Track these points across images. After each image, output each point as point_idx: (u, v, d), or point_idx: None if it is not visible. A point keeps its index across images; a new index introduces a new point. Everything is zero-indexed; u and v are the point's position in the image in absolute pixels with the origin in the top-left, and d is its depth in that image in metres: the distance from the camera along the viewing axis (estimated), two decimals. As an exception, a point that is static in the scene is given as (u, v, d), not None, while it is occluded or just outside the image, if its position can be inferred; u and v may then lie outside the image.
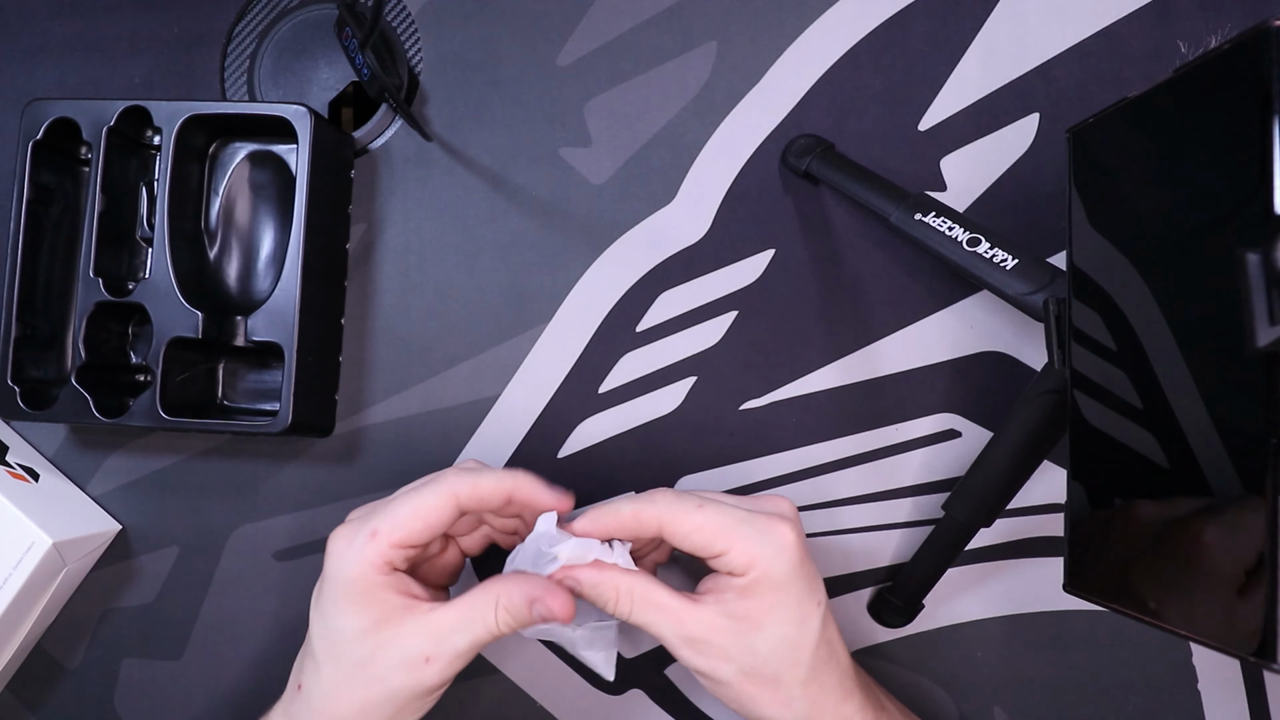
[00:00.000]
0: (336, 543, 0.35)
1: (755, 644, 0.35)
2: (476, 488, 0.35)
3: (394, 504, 0.35)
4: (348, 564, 0.34)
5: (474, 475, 0.36)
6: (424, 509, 0.35)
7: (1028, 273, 0.36)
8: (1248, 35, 0.25)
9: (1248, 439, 0.25)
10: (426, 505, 0.35)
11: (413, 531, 0.35)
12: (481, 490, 0.35)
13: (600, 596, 0.35)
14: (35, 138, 0.43)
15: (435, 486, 0.35)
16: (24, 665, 0.47)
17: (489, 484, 0.36)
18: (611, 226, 0.47)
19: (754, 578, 0.35)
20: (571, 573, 0.36)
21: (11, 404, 0.43)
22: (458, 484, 0.35)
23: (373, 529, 0.34)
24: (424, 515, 0.35)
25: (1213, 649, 0.26)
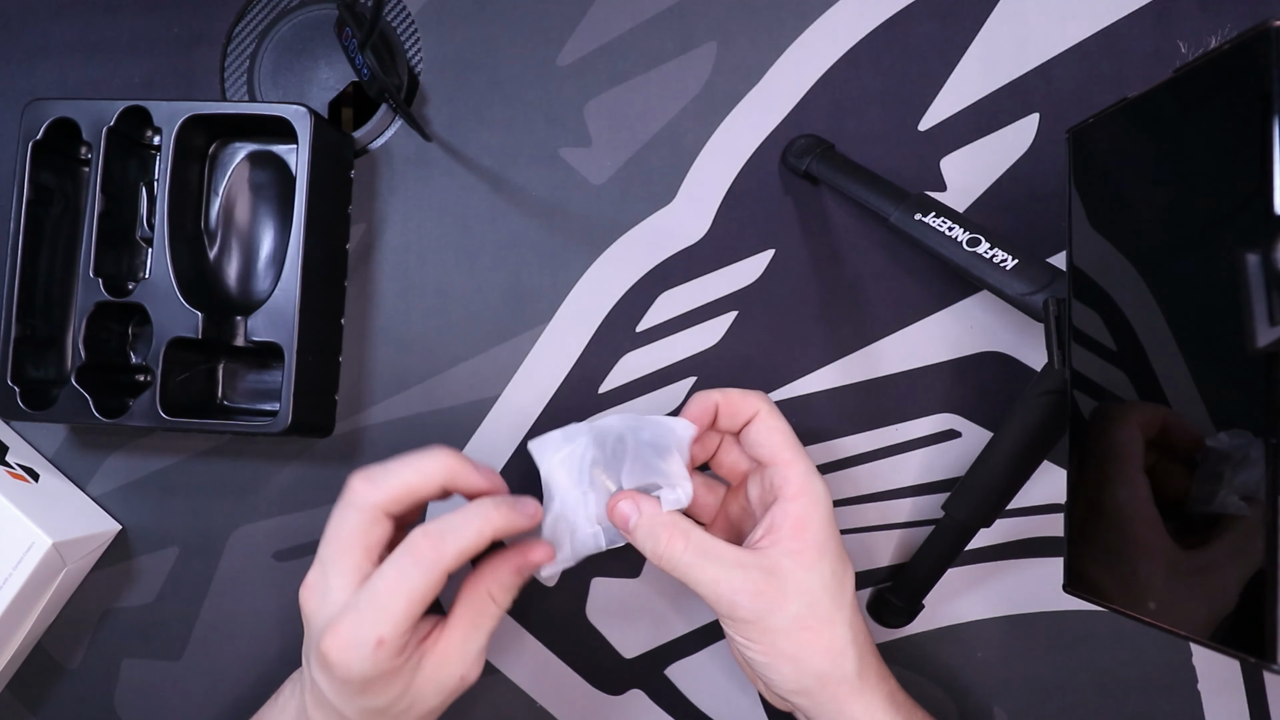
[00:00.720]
0: (342, 654, 0.33)
1: (812, 581, 0.35)
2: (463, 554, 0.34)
3: (381, 599, 0.33)
4: (367, 672, 0.33)
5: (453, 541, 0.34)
6: (417, 598, 0.33)
7: (1027, 273, 0.36)
8: (1248, 35, 0.25)
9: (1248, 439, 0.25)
10: (419, 593, 0.33)
11: (411, 620, 0.34)
12: (468, 552, 0.34)
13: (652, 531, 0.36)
14: (35, 138, 0.43)
15: (423, 569, 0.33)
16: (24, 665, 0.47)
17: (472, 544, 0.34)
18: (611, 226, 0.47)
19: (803, 507, 0.36)
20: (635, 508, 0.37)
21: (11, 404, 0.43)
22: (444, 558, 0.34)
23: (377, 637, 0.33)
24: (419, 602, 0.33)
25: (1212, 649, 0.26)
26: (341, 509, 0.36)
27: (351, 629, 0.33)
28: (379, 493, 0.35)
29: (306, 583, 0.36)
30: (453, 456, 0.37)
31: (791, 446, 0.38)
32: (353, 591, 0.34)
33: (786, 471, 0.37)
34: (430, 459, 0.36)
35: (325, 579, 0.35)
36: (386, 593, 0.33)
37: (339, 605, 0.34)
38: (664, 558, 0.36)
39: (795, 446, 0.38)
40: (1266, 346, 0.23)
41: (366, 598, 0.33)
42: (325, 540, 0.36)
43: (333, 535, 0.35)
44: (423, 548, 0.34)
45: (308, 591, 0.35)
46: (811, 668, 0.36)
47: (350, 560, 0.35)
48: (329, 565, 0.35)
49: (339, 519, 0.35)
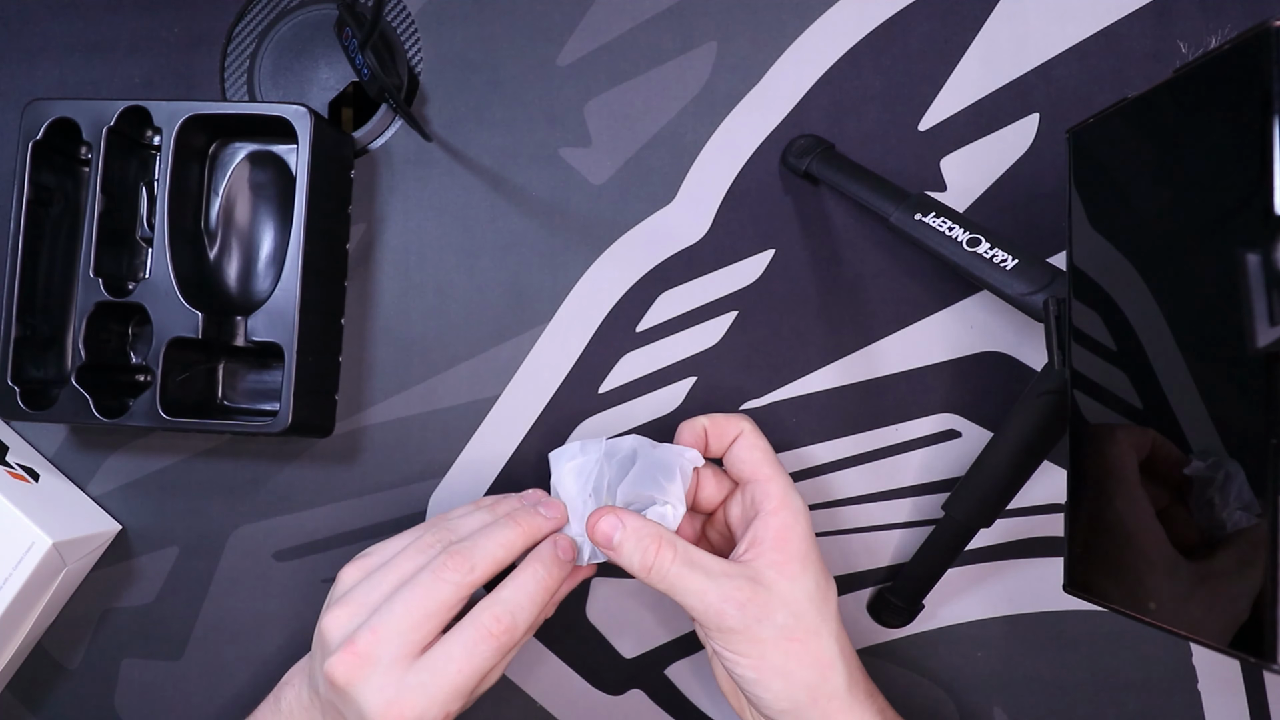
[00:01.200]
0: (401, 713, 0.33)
1: (796, 591, 0.36)
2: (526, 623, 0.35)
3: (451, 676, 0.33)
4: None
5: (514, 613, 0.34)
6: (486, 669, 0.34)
7: (1028, 273, 0.36)
8: (1248, 35, 0.25)
9: (1248, 439, 0.25)
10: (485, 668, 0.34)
11: (476, 693, 0.35)
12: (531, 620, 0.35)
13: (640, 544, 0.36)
14: (35, 138, 0.43)
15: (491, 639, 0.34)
16: (24, 665, 0.47)
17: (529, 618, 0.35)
18: (611, 226, 0.47)
19: (785, 520, 0.37)
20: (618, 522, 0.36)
21: (11, 404, 0.43)
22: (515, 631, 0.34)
23: (446, 714, 0.33)
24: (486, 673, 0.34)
25: (1213, 649, 0.26)
26: (433, 580, 0.34)
27: (421, 707, 0.33)
28: (477, 577, 0.35)
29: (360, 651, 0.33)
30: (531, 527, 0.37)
31: (772, 463, 0.39)
32: (409, 665, 0.33)
33: (767, 486, 0.38)
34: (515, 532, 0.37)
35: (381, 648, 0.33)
36: (459, 676, 0.33)
37: (393, 682, 0.33)
38: (653, 569, 0.35)
39: (775, 464, 0.39)
40: (1267, 346, 0.23)
41: (438, 681, 0.33)
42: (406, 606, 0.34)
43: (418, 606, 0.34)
44: (496, 631, 0.34)
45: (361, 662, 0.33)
46: (801, 680, 0.35)
47: (419, 636, 0.33)
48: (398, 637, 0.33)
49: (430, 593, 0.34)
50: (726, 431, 0.40)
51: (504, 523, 0.37)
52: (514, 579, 0.36)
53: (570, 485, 0.39)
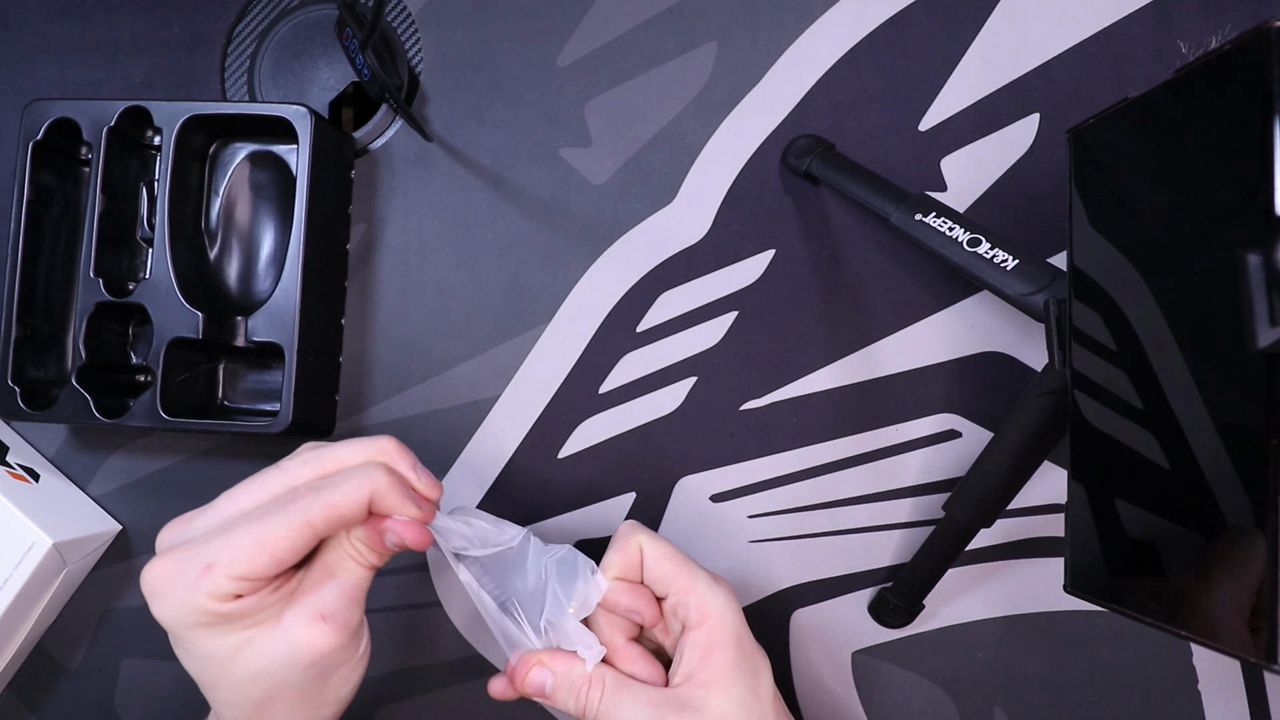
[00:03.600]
0: (158, 578, 0.29)
1: (729, 705, 0.35)
2: (333, 510, 0.30)
3: (232, 532, 0.29)
4: (182, 606, 0.29)
5: (327, 495, 0.30)
6: (271, 541, 0.29)
7: (1028, 273, 0.36)
8: (1248, 36, 0.25)
9: (1248, 439, 0.25)
10: (275, 536, 0.29)
11: (256, 566, 0.29)
12: (341, 512, 0.30)
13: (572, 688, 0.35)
14: (35, 138, 0.43)
15: (286, 514, 0.29)
16: (24, 665, 0.47)
17: (347, 504, 0.30)
18: (611, 227, 0.47)
19: (708, 632, 0.35)
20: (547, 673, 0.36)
21: (12, 404, 0.43)
22: (311, 511, 0.30)
23: (206, 562, 0.29)
24: (270, 548, 0.29)
25: (1213, 649, 0.26)
26: (267, 471, 0.32)
27: (183, 553, 0.29)
28: (307, 467, 0.32)
29: (179, 518, 0.31)
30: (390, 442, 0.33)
31: (683, 570, 0.37)
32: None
33: (685, 599, 0.36)
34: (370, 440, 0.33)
35: (201, 516, 0.31)
36: (241, 528, 0.29)
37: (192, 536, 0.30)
38: (586, 710, 0.35)
39: (686, 569, 0.37)
40: (1267, 347, 0.23)
41: (218, 531, 0.29)
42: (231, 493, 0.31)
43: (242, 490, 0.31)
44: (293, 495, 0.30)
45: (168, 526, 0.31)
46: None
47: (234, 511, 0.31)
48: (214, 510, 0.31)
49: (260, 479, 0.31)
50: (629, 552, 0.37)
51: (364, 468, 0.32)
52: (350, 471, 0.31)
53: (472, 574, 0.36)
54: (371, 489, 0.31)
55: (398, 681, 0.46)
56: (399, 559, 0.46)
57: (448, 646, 0.46)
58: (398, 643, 0.46)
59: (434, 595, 0.46)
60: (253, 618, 0.30)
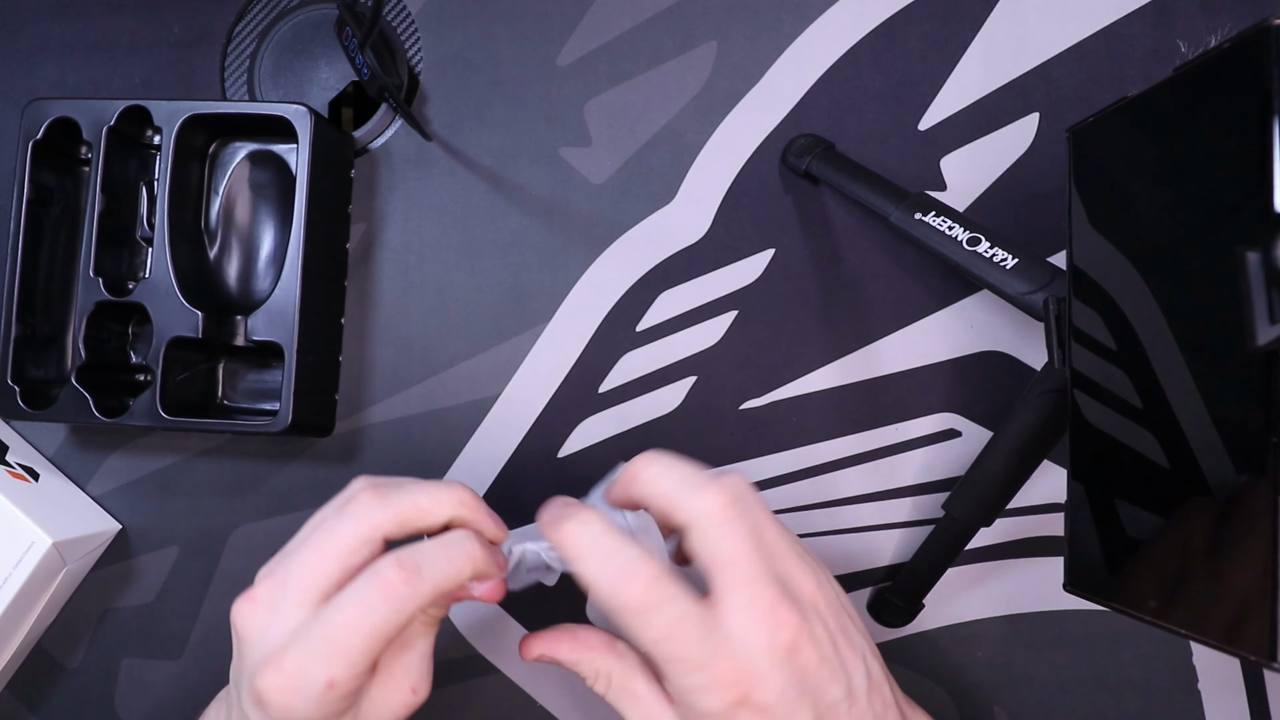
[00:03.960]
0: (283, 695, 0.28)
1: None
2: (440, 595, 0.30)
3: (337, 635, 0.28)
4: (306, 715, 0.29)
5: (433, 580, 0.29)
6: (380, 637, 0.29)
7: (1028, 272, 0.36)
8: (1248, 34, 0.25)
9: (1248, 438, 0.25)
10: (383, 633, 0.28)
11: (370, 662, 0.29)
12: (444, 592, 0.30)
13: (580, 673, 0.33)
14: (35, 137, 0.43)
15: (392, 605, 0.28)
16: (24, 665, 0.47)
17: (452, 585, 0.30)
18: (611, 226, 0.47)
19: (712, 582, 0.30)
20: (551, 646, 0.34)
21: (11, 404, 0.43)
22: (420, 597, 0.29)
23: (328, 679, 0.28)
24: (381, 642, 0.29)
25: (1213, 648, 0.26)
26: (338, 518, 0.30)
27: (298, 667, 0.28)
28: (387, 513, 0.30)
29: (251, 596, 0.30)
30: (469, 494, 0.33)
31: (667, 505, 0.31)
32: (308, 616, 0.29)
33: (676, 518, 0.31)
34: (447, 490, 0.32)
35: (282, 593, 0.29)
36: (344, 628, 0.28)
37: (286, 632, 0.29)
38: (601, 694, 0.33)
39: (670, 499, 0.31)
40: (1266, 345, 0.23)
41: (320, 631, 0.28)
42: (301, 550, 0.30)
43: (314, 545, 0.30)
44: (394, 581, 0.29)
45: (249, 606, 0.30)
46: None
47: (319, 578, 0.29)
48: (293, 580, 0.29)
49: (330, 529, 0.30)
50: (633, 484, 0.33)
51: (458, 541, 0.31)
52: (439, 542, 0.31)
53: None
54: (473, 568, 0.31)
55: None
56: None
57: (448, 646, 0.46)
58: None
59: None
60: (353, 700, 0.30)
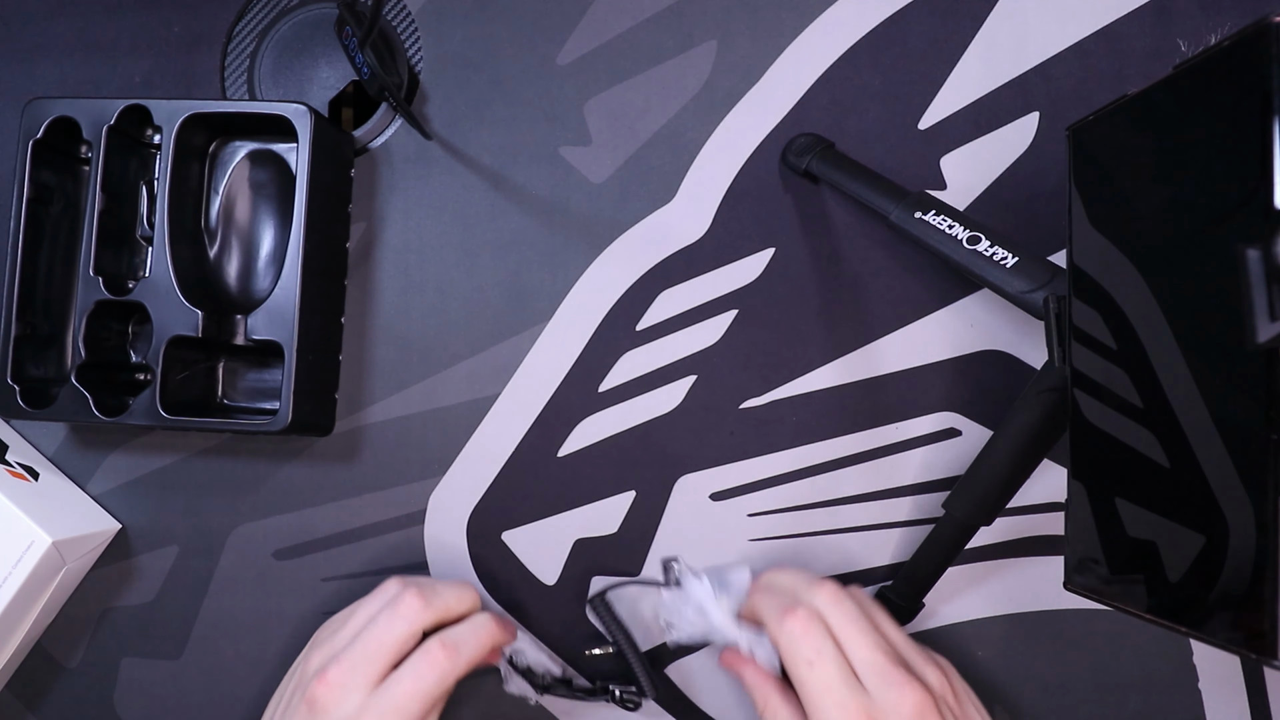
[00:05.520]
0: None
1: None
2: (472, 664, 0.38)
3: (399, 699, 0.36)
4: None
5: (465, 655, 0.38)
6: (434, 702, 0.37)
7: (1028, 270, 0.36)
8: (1247, 32, 0.25)
9: (1248, 436, 0.25)
10: (436, 697, 0.37)
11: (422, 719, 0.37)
12: (475, 663, 0.38)
13: (752, 697, 0.40)
14: (35, 136, 0.43)
15: (439, 675, 0.37)
16: (24, 664, 0.47)
17: (478, 656, 0.39)
18: (611, 225, 0.47)
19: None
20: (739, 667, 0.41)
21: (11, 403, 0.43)
22: (458, 669, 0.38)
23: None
24: (434, 702, 0.37)
25: (1214, 646, 0.26)
26: (392, 618, 0.38)
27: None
28: (430, 614, 0.39)
29: (330, 680, 0.37)
30: (476, 593, 0.42)
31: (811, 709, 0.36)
32: (370, 691, 0.37)
33: None
34: (468, 589, 0.41)
35: (352, 677, 0.37)
36: (405, 696, 0.36)
37: (357, 705, 0.36)
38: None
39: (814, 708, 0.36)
40: (1267, 342, 0.23)
41: (388, 699, 0.36)
42: (365, 642, 0.38)
43: (375, 640, 0.38)
44: (439, 656, 0.37)
45: (329, 689, 0.37)
46: None
47: (380, 665, 0.37)
48: (361, 666, 0.37)
49: (388, 627, 0.38)
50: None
51: (481, 623, 0.40)
52: (468, 625, 0.39)
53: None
54: (493, 642, 0.40)
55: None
56: (395, 559, 0.46)
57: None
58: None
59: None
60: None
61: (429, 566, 0.46)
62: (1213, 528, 0.26)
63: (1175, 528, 0.28)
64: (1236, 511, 0.25)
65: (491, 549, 0.46)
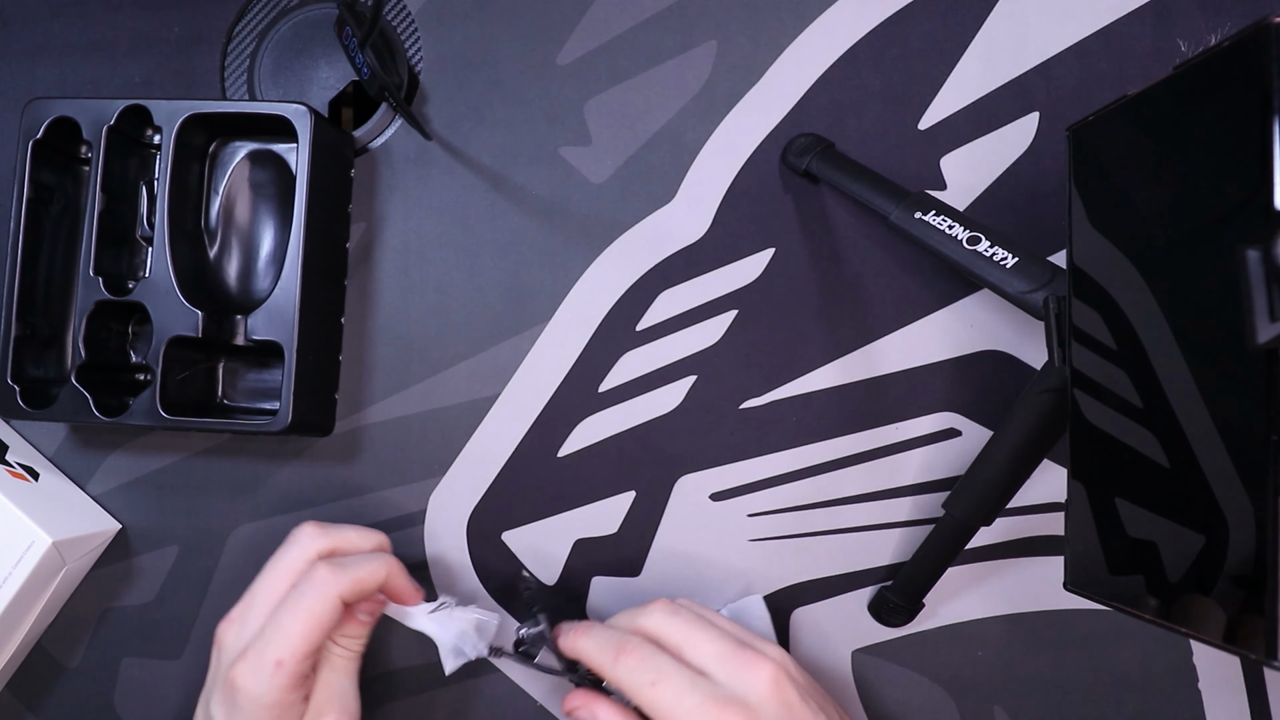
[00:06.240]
0: (245, 678, 0.36)
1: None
2: (359, 584, 0.37)
3: (283, 623, 0.36)
4: (264, 696, 0.35)
5: (351, 572, 0.37)
6: (315, 621, 0.36)
7: (1028, 271, 0.36)
8: (1247, 33, 0.25)
9: (1248, 436, 0.25)
10: (317, 616, 0.36)
11: (310, 645, 0.36)
12: (363, 586, 0.38)
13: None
14: (35, 137, 0.43)
15: (320, 591, 0.36)
16: (24, 665, 0.47)
17: (368, 579, 0.38)
18: (611, 226, 0.47)
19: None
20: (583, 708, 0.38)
21: (11, 403, 0.43)
22: (340, 585, 0.37)
23: (276, 659, 0.35)
24: (317, 627, 0.36)
25: (1214, 646, 0.26)
26: (285, 548, 0.39)
27: (255, 653, 0.36)
28: (325, 540, 0.39)
29: (229, 616, 0.38)
30: (387, 540, 0.42)
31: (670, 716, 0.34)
32: (265, 620, 0.37)
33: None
34: (374, 532, 0.41)
35: (249, 610, 0.38)
36: (288, 616, 0.36)
37: (250, 633, 0.37)
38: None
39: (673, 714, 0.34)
40: (1267, 343, 0.23)
41: (271, 624, 0.36)
42: (260, 577, 0.38)
43: (270, 571, 0.38)
44: (323, 574, 0.37)
45: (226, 623, 0.38)
46: None
47: (275, 593, 0.38)
48: (256, 599, 0.38)
49: (282, 558, 0.39)
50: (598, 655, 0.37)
51: (377, 553, 0.40)
52: (364, 555, 0.39)
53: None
54: (388, 573, 0.39)
55: (396, 681, 0.46)
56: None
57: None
58: (396, 643, 0.46)
59: (433, 596, 0.46)
60: (296, 706, 0.37)
61: (429, 566, 0.46)
62: (1213, 528, 0.26)
63: (1175, 528, 0.28)
64: (1236, 511, 0.25)
65: (491, 549, 0.46)
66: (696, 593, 0.46)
